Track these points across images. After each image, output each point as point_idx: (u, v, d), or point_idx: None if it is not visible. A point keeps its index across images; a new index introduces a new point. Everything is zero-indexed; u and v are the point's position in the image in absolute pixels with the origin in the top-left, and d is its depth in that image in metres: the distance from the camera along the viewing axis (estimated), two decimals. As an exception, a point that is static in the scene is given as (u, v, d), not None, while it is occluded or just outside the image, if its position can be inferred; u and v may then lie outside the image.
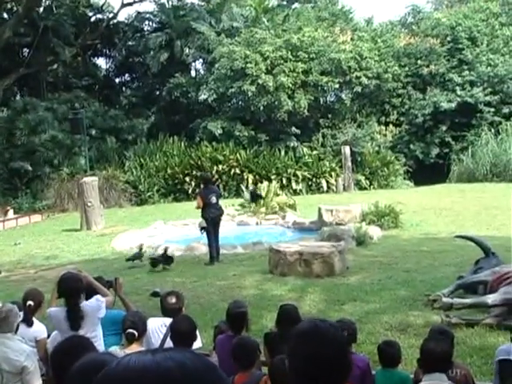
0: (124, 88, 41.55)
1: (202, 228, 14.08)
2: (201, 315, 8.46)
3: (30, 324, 5.89)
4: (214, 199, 14.12)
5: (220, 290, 11.01)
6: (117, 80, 41.69)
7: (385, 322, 8.35)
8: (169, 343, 5.18)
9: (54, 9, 36.56)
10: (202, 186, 15.10)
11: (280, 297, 10.00)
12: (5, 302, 6.16)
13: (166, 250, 13.88)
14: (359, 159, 30.83)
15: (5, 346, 4.85)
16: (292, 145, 31.10)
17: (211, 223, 13.96)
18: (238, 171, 29.08)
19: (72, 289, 5.48)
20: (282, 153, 30.41)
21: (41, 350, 5.75)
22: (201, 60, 37.53)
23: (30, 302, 6.10)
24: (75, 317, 5.35)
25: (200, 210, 14.11)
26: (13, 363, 4.78)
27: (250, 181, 27.47)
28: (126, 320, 5.32)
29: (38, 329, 5.96)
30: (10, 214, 26.54)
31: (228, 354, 4.82)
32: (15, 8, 35.19)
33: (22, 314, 5.53)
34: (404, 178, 31.62)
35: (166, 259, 13.45)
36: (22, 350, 4.93)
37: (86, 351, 3.05)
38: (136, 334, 5.15)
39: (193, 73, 38.28)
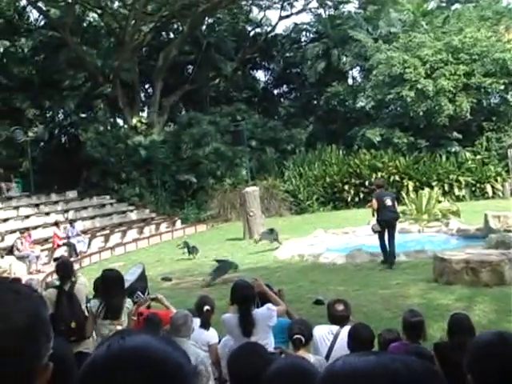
0: (282, 99, 42.28)
1: (376, 231, 14.09)
2: (365, 324, 8.43)
3: (207, 328, 6.21)
4: (388, 201, 14.08)
5: (383, 298, 10.90)
6: (275, 91, 42.56)
7: None
8: (337, 350, 5.24)
9: (216, 26, 38.10)
10: (376, 190, 15.10)
11: (447, 306, 9.73)
12: (177, 309, 6.54)
13: None
14: (528, 163, 29.25)
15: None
16: (453, 150, 30.14)
17: (386, 226, 13.96)
18: (397, 178, 28.60)
19: (244, 296, 5.69)
20: (443, 158, 29.56)
21: (213, 354, 6.02)
22: (358, 68, 37.42)
23: (208, 307, 6.40)
24: (247, 323, 5.53)
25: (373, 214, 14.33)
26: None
27: (411, 188, 26.91)
28: (293, 326, 5.45)
29: (212, 334, 6.26)
30: (178, 224, 27.80)
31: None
32: (180, 28, 37.12)
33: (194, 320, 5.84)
34: None
35: None
36: (197, 354, 5.16)
37: (261, 358, 3.21)
38: (303, 339, 5.27)
39: (350, 81, 38.22)
